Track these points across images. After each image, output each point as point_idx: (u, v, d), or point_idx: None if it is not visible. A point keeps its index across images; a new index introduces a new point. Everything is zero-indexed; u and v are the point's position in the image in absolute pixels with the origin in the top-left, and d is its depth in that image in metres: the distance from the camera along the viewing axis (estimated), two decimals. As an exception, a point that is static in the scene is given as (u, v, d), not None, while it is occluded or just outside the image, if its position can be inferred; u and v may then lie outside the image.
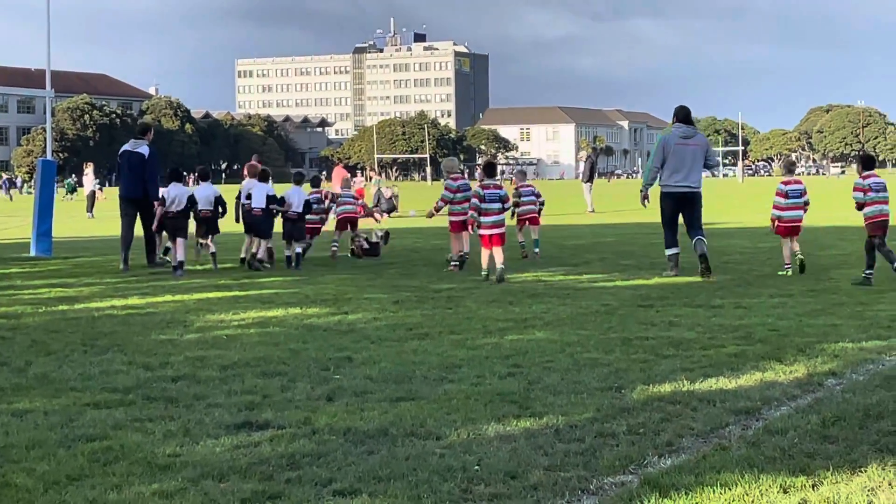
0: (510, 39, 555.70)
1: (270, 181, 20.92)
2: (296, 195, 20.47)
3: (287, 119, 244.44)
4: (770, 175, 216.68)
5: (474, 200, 17.86)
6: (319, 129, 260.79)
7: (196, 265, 20.32)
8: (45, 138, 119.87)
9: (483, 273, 17.57)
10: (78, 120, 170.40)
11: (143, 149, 20.85)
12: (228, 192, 23.36)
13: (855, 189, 16.73)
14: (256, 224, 20.15)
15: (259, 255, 20.13)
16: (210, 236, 20.24)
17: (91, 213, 47.43)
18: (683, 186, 17.75)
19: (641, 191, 18.42)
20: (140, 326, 12.68)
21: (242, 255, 20.50)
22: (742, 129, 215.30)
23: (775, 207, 18.04)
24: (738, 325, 12.14)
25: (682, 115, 18.08)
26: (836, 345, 10.76)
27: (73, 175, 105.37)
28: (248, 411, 8.16)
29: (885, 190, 16.57)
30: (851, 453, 6.84)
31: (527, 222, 22.11)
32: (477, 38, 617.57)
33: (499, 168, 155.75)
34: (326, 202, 23.03)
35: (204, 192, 20.14)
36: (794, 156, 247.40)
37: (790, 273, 17.59)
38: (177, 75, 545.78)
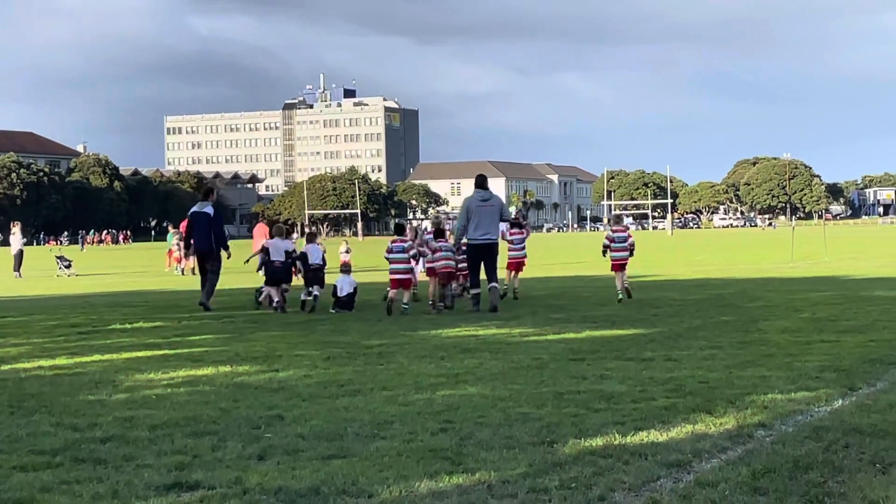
0: (439, 94, 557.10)
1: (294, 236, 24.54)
2: (314, 251, 23.59)
3: (217, 175, 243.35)
4: (699, 227, 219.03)
5: (384, 252, 21.86)
6: (250, 186, 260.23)
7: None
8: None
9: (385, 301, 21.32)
10: (4, 179, 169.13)
11: (209, 209, 24.36)
12: (157, 248, 23.32)
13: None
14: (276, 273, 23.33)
15: (276, 299, 22.90)
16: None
17: (18, 272, 46.88)
18: (484, 238, 21.78)
19: (455, 244, 22.69)
20: (68, 387, 12.51)
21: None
22: (671, 181, 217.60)
23: (606, 245, 23.72)
24: (669, 378, 12.20)
25: (479, 183, 22.47)
26: (766, 396, 10.85)
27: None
28: (178, 472, 8.06)
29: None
30: (781, 504, 6.89)
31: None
32: (406, 93, 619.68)
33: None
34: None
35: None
36: (721, 207, 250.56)
37: (621, 297, 22.77)
38: (105, 132, 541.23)
